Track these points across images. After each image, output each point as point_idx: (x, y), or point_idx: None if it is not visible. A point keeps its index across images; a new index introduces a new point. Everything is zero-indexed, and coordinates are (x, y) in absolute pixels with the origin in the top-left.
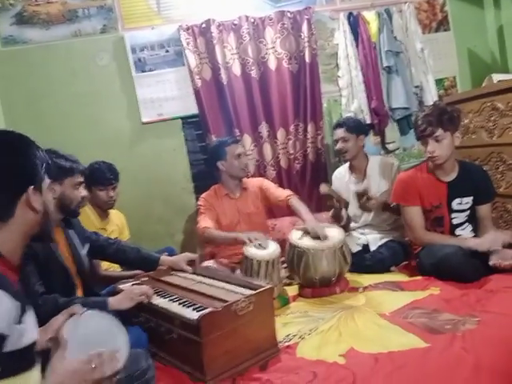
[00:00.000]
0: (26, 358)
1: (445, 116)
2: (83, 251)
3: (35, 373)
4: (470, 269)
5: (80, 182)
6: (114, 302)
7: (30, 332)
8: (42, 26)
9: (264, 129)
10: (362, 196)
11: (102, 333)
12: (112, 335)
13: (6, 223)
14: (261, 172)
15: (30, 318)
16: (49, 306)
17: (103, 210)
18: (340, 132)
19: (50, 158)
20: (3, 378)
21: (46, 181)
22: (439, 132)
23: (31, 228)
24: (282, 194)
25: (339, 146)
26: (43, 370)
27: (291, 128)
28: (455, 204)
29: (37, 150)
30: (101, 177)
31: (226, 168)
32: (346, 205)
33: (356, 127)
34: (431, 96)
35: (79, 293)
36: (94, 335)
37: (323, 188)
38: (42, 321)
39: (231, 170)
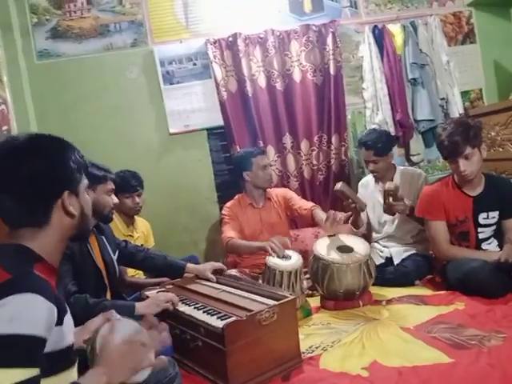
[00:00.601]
0: (65, 358)
1: (470, 133)
2: (114, 257)
3: (73, 372)
4: (496, 284)
5: (112, 188)
6: (140, 307)
7: (68, 334)
8: (75, 40)
9: (288, 140)
10: (390, 195)
11: (133, 337)
12: (141, 339)
13: (42, 228)
14: (284, 183)
15: (69, 320)
16: (80, 305)
17: (129, 217)
18: (370, 155)
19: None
20: (44, 378)
21: (84, 183)
22: (468, 150)
23: (68, 232)
24: (306, 204)
25: (371, 167)
26: (79, 369)
27: (315, 139)
28: (481, 218)
29: (73, 152)
30: (126, 184)
31: (251, 178)
32: (362, 207)
33: (386, 148)
34: (457, 108)
35: (108, 296)
36: (126, 339)
37: (338, 185)
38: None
39: (256, 181)
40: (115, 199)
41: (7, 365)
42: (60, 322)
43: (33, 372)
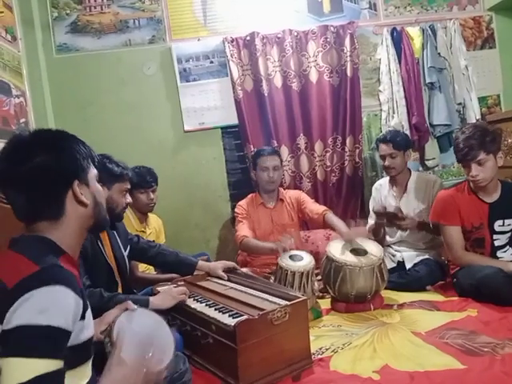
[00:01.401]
0: (84, 351)
1: (487, 138)
2: (125, 253)
3: (89, 366)
4: (510, 291)
5: (127, 188)
6: (155, 300)
7: (88, 327)
8: (94, 35)
9: (302, 140)
10: (393, 217)
11: (153, 330)
12: (162, 332)
13: (59, 221)
14: (296, 183)
15: (90, 313)
16: (95, 298)
17: (143, 213)
18: (387, 148)
19: (103, 163)
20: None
21: (92, 172)
22: (482, 155)
23: (85, 222)
24: (318, 208)
25: (387, 162)
26: (94, 361)
27: (329, 141)
28: (497, 225)
29: (77, 143)
30: (142, 180)
31: (256, 178)
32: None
33: (404, 144)
34: (474, 114)
35: (119, 291)
36: (145, 332)
37: (377, 207)
38: None
39: (259, 181)
40: (129, 199)
41: (35, 355)
42: (83, 316)
43: (59, 364)
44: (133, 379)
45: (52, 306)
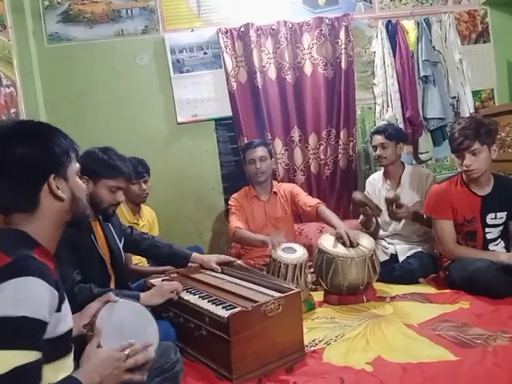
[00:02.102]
0: (61, 345)
1: (482, 129)
2: (120, 245)
3: (70, 359)
4: (502, 284)
5: (116, 186)
6: (145, 297)
7: (66, 320)
8: (87, 24)
9: (296, 133)
10: (391, 203)
11: (136, 321)
12: (144, 324)
13: (33, 214)
14: (290, 176)
15: (66, 306)
16: (84, 294)
17: (136, 204)
18: (379, 138)
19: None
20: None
21: (73, 167)
22: (476, 145)
23: (61, 216)
24: (311, 201)
25: (378, 152)
26: (77, 355)
27: (323, 133)
28: (489, 218)
29: (58, 136)
30: (133, 171)
31: (246, 171)
32: (379, 214)
33: (396, 135)
34: (468, 107)
35: (112, 285)
36: (127, 323)
37: (357, 195)
38: (76, 308)
39: (248, 174)
40: (120, 197)
41: (11, 347)
42: (58, 308)
43: (36, 355)
44: (111, 367)
45: (26, 296)
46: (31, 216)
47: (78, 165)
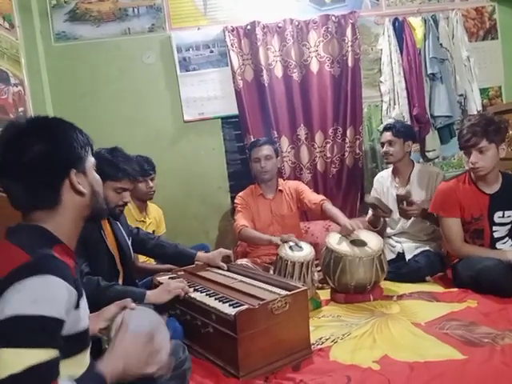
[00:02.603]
0: (79, 341)
1: (491, 127)
2: (129, 242)
3: (87, 355)
4: (510, 283)
5: (122, 187)
6: (151, 295)
7: (83, 318)
8: (93, 23)
9: (302, 131)
10: (402, 200)
11: (151, 327)
12: (159, 332)
13: (55, 210)
14: (296, 174)
15: (85, 303)
16: (91, 286)
17: (143, 201)
18: (387, 135)
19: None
20: (61, 360)
21: (90, 161)
22: (483, 143)
23: (82, 211)
24: (316, 198)
25: (385, 148)
26: (92, 356)
27: (330, 131)
28: (496, 217)
29: (74, 131)
30: (139, 170)
31: (251, 170)
32: (390, 215)
33: (404, 132)
34: (475, 105)
35: (120, 281)
36: (143, 331)
37: (370, 198)
38: None
39: (254, 172)
40: (126, 198)
41: (29, 345)
42: (77, 305)
43: (53, 353)
44: (136, 357)
45: (44, 295)
46: (53, 212)
47: (93, 159)
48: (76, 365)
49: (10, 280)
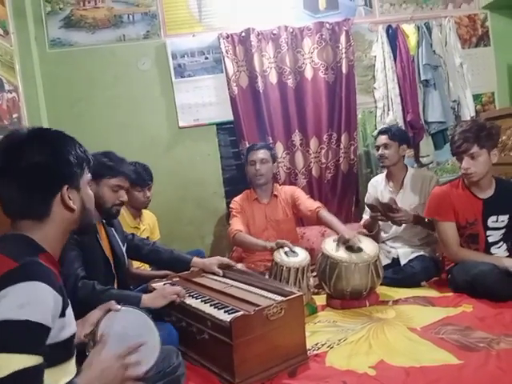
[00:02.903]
0: (64, 350)
1: (482, 133)
2: (123, 248)
3: (72, 364)
4: (505, 288)
5: (117, 185)
6: (147, 299)
7: (70, 325)
8: (88, 29)
9: (297, 137)
10: (388, 209)
11: (138, 329)
12: (146, 333)
13: (43, 221)
14: (291, 180)
15: (70, 311)
16: (86, 290)
17: (137, 209)
18: (383, 138)
19: (97, 158)
20: (45, 368)
21: (86, 178)
22: (475, 149)
23: (69, 225)
24: (311, 205)
25: (380, 151)
26: (77, 362)
27: (324, 137)
28: (490, 221)
29: (73, 147)
30: (139, 179)
31: (247, 173)
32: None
33: (399, 136)
34: (468, 111)
35: (115, 286)
36: (129, 332)
37: (375, 201)
38: (77, 303)
39: (249, 176)
40: (123, 197)
41: (14, 350)
42: (63, 313)
43: (38, 359)
44: (112, 375)
45: (30, 301)
46: (40, 223)
47: (89, 175)
48: (61, 373)
49: None
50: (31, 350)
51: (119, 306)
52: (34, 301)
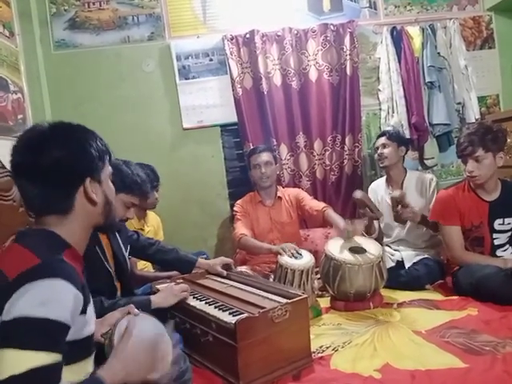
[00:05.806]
0: (84, 347)
1: (488, 136)
2: (126, 254)
3: (90, 362)
4: (510, 291)
5: (132, 203)
6: (157, 299)
7: (90, 324)
8: (93, 31)
9: (301, 139)
10: (397, 203)
11: (153, 335)
12: (161, 337)
13: (67, 216)
14: (295, 182)
15: (91, 309)
16: (95, 307)
17: (142, 210)
18: (382, 139)
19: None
20: (64, 365)
21: (107, 170)
22: (480, 152)
23: (93, 219)
24: (317, 205)
25: (379, 151)
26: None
27: (328, 139)
28: (496, 224)
29: (94, 140)
30: (150, 186)
31: (251, 177)
32: (379, 216)
33: (397, 136)
34: (473, 113)
35: (118, 294)
36: (145, 336)
37: (357, 194)
38: None
39: (253, 179)
40: (130, 215)
41: (32, 347)
42: (84, 310)
43: (56, 357)
44: (137, 365)
45: (51, 298)
46: (64, 218)
47: (110, 168)
48: (79, 371)
49: (19, 282)
50: (49, 347)
51: (137, 311)
52: (54, 298)
